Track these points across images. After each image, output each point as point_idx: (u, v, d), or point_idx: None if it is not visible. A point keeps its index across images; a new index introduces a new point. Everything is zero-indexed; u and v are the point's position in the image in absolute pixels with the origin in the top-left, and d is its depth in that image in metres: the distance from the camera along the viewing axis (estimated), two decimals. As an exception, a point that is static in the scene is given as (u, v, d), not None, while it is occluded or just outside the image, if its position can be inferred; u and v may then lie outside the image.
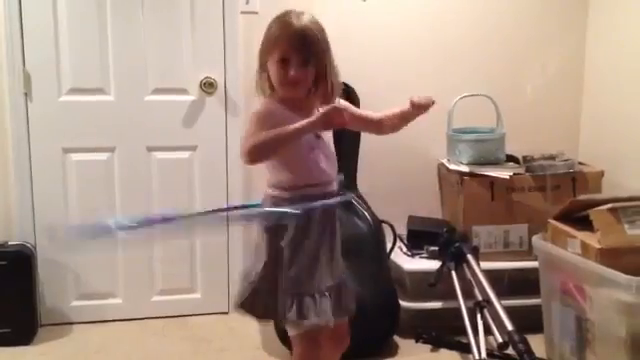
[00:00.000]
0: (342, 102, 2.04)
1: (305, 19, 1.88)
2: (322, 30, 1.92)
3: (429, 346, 2.79)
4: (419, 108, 2.02)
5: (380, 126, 2.11)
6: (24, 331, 2.95)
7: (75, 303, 3.17)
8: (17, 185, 3.06)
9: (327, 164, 1.96)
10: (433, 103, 2.04)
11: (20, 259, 2.95)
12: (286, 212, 1.86)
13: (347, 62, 3.15)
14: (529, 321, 2.58)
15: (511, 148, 3.20)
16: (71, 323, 3.14)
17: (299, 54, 1.84)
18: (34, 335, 3.00)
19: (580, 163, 3.20)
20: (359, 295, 2.17)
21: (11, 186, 3.06)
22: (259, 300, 1.93)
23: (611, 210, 2.39)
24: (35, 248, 3.03)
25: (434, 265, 2.89)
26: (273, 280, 1.91)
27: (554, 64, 3.45)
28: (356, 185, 3.13)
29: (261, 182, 2.04)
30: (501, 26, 3.39)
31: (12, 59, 2.97)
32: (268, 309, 1.93)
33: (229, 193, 3.21)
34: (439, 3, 3.33)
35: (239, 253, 3.20)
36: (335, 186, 2.00)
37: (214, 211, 2.11)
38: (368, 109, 3.08)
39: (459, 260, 2.80)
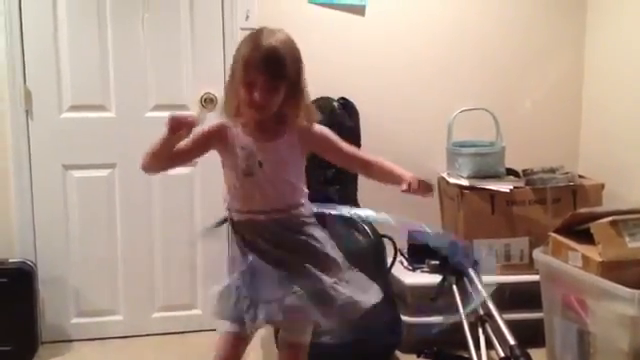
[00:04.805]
0: (324, 130, 2.00)
1: (275, 39, 1.81)
2: (293, 50, 1.85)
3: (431, 361, 2.77)
4: (414, 191, 1.98)
5: (369, 169, 2.07)
6: (25, 349, 2.94)
7: (75, 320, 3.16)
8: (18, 202, 3.06)
9: (267, 192, 1.91)
10: (430, 193, 2.02)
11: (21, 276, 2.94)
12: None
13: (346, 76, 3.22)
14: (531, 335, 2.57)
15: (511, 161, 3.20)
16: (71, 340, 3.13)
17: (265, 78, 1.79)
18: (35, 353, 2.99)
19: (580, 176, 3.20)
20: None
21: (12, 203, 3.06)
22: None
23: (612, 223, 2.39)
24: (36, 265, 3.03)
25: (435, 279, 2.88)
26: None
27: (553, 77, 3.46)
28: (356, 199, 3.12)
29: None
30: (500, 40, 3.40)
31: (13, 76, 2.98)
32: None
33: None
34: (439, 17, 3.35)
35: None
36: (285, 213, 1.93)
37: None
38: (367, 123, 3.13)
39: (460, 274, 2.80)
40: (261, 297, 1.88)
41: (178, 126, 1.82)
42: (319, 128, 1.98)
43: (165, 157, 1.92)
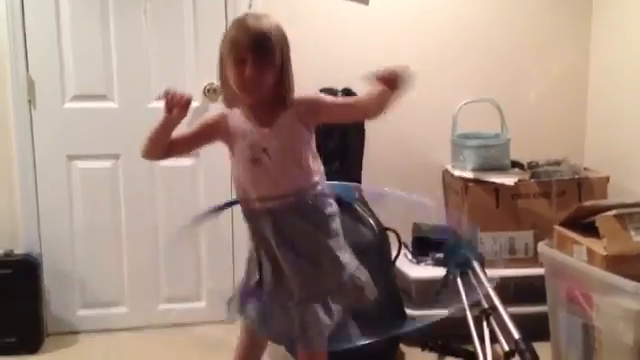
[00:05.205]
0: (311, 94, 1.98)
1: (263, 22, 1.83)
2: (279, 31, 1.86)
3: (435, 354, 2.77)
4: (388, 82, 1.97)
5: (367, 108, 2.03)
6: (30, 340, 2.96)
7: (81, 312, 3.18)
8: (22, 193, 3.06)
9: (275, 178, 1.89)
10: (405, 74, 1.98)
11: (26, 268, 2.95)
12: None
13: (350, 67, 3.19)
14: (535, 329, 2.56)
15: (516, 154, 3.19)
16: (77, 332, 3.14)
17: (255, 54, 1.80)
18: (40, 344, 3.00)
19: (585, 169, 3.19)
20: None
21: (16, 194, 3.07)
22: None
23: (617, 216, 2.38)
24: (41, 257, 3.04)
25: (440, 272, 2.88)
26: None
27: (559, 69, 3.45)
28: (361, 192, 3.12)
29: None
30: (505, 31, 3.39)
31: (16, 67, 2.98)
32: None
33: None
34: (444, 8, 3.33)
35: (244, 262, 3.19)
36: (283, 202, 1.89)
37: None
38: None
39: (465, 267, 2.80)
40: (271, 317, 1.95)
41: (171, 102, 1.84)
42: (306, 94, 1.96)
43: (162, 142, 1.93)
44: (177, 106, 1.85)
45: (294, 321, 1.91)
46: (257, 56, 1.80)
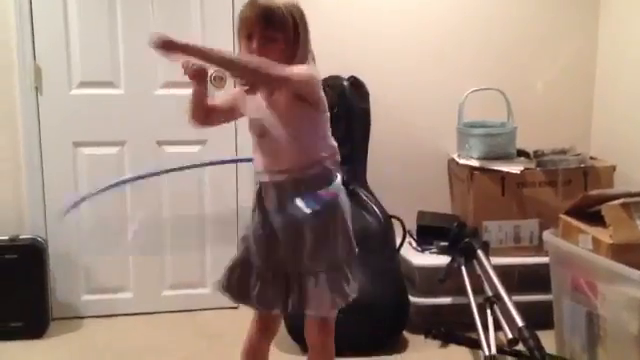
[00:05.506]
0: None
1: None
2: (292, 9, 1.85)
3: (439, 342, 2.77)
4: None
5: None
6: (36, 325, 2.97)
7: (86, 297, 3.19)
8: (28, 179, 3.08)
9: (267, 154, 1.92)
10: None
11: (32, 253, 2.97)
12: None
13: (357, 54, 3.20)
14: (539, 317, 2.57)
15: (522, 142, 3.18)
16: (82, 317, 3.16)
17: (262, 29, 1.81)
18: (45, 329, 3.01)
19: (592, 158, 3.18)
20: (368, 290, 2.14)
21: (22, 180, 3.08)
22: None
23: (623, 205, 2.37)
24: (46, 242, 3.05)
25: (444, 260, 2.88)
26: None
27: (565, 58, 3.43)
28: (365, 180, 3.11)
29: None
30: (513, 20, 3.36)
31: (23, 53, 2.98)
32: None
33: (238, 187, 3.22)
34: (451, -3, 3.32)
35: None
36: (286, 177, 1.90)
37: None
38: (377, 103, 3.11)
39: (469, 255, 2.80)
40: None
41: (185, 70, 1.91)
42: None
43: (197, 108, 2.00)
44: (190, 77, 1.92)
45: (288, 291, 1.93)
46: (262, 31, 1.82)
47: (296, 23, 1.86)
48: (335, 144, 1.98)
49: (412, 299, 2.91)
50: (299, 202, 1.86)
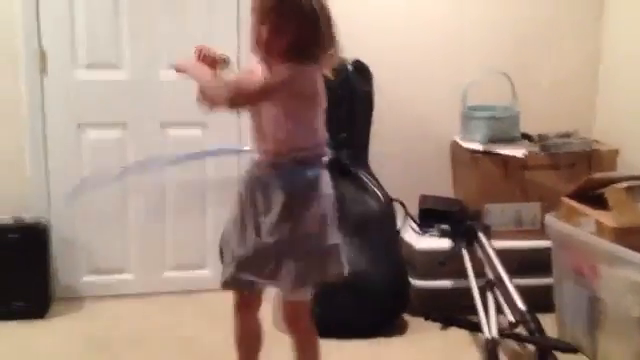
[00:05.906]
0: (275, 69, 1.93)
1: None
2: None
3: (439, 324, 2.77)
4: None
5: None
6: (38, 305, 2.98)
7: (87, 278, 3.20)
8: (32, 160, 3.07)
9: (257, 132, 1.99)
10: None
11: (34, 234, 2.97)
12: None
13: (361, 37, 3.17)
14: (541, 301, 2.57)
15: (526, 126, 3.16)
16: (83, 297, 3.17)
17: (254, 13, 1.90)
18: (47, 309, 3.02)
19: (595, 141, 3.16)
20: (368, 272, 2.14)
21: (26, 161, 3.08)
22: None
23: (627, 189, 2.37)
24: (49, 223, 3.06)
25: (445, 244, 2.88)
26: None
27: (570, 41, 3.40)
28: (367, 163, 3.10)
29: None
30: (518, 4, 3.33)
31: (28, 35, 2.98)
32: None
33: (240, 170, 3.20)
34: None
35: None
36: (268, 157, 1.97)
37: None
38: (381, 86, 3.09)
39: (471, 238, 2.79)
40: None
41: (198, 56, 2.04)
42: (277, 65, 1.92)
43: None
44: (205, 61, 2.03)
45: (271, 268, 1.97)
46: (255, 15, 1.90)
47: (280, 7, 1.85)
48: (325, 137, 2.00)
49: (413, 282, 2.91)
50: (276, 180, 1.93)
